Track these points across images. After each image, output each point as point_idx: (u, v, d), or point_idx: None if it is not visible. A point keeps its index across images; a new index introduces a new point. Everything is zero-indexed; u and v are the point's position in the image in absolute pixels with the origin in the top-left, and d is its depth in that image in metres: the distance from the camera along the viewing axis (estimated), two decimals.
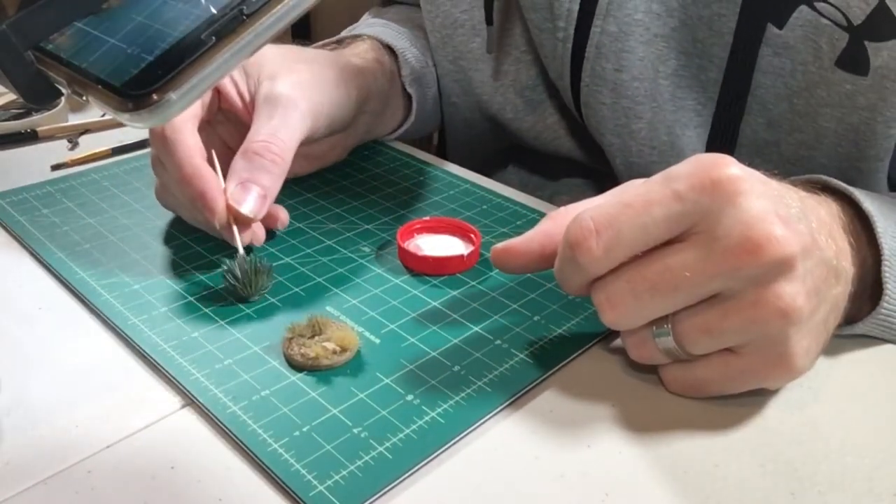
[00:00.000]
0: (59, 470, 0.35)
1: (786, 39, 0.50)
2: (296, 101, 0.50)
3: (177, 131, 0.46)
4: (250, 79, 0.52)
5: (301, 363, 0.40)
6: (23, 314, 0.45)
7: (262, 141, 0.47)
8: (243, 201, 0.46)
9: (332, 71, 0.55)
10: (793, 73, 0.51)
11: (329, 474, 0.34)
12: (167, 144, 0.47)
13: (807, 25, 0.49)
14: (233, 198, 0.46)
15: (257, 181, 0.46)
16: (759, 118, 0.54)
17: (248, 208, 0.46)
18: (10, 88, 0.35)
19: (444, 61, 0.69)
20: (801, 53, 0.50)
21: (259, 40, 0.43)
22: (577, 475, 0.35)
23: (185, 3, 0.38)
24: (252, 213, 0.46)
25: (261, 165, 0.47)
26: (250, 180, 0.46)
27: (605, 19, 0.56)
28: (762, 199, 0.34)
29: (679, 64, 0.56)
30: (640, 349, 0.38)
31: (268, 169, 0.47)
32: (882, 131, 0.50)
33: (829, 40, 0.49)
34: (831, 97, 0.50)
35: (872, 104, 0.49)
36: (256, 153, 0.47)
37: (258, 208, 0.46)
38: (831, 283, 0.37)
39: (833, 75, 0.50)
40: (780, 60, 0.51)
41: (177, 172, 0.46)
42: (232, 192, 0.46)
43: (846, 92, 0.50)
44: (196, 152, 0.47)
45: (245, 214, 0.46)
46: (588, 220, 0.35)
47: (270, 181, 0.47)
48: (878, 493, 0.34)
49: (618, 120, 0.59)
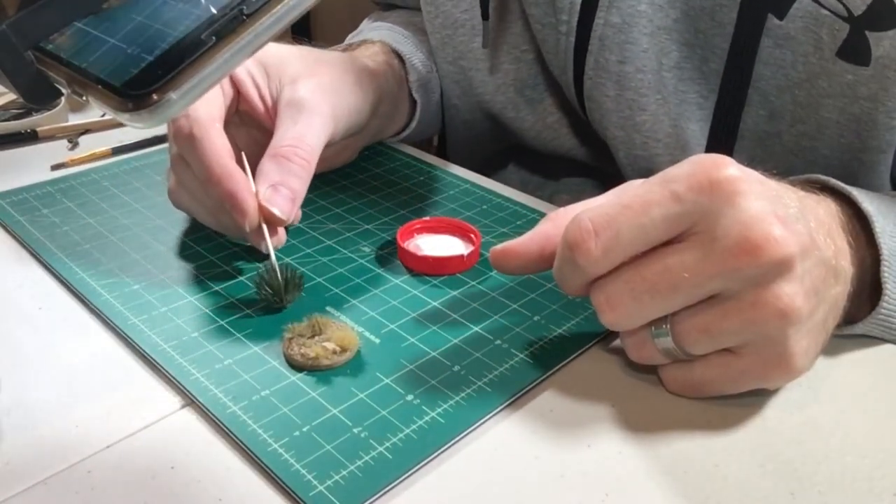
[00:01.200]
0: (59, 470, 0.35)
1: (786, 30, 0.50)
2: (319, 106, 0.50)
3: (205, 130, 0.46)
4: (272, 81, 0.52)
5: (301, 363, 0.40)
6: (23, 314, 0.45)
7: (290, 145, 0.47)
8: (276, 203, 0.45)
9: (350, 75, 0.55)
10: (794, 64, 0.51)
11: (329, 474, 0.34)
12: (195, 143, 0.46)
13: (807, 16, 0.49)
14: (266, 199, 0.45)
15: (287, 184, 0.46)
16: (760, 110, 0.54)
17: (281, 210, 0.45)
18: (10, 88, 0.35)
19: (445, 62, 0.69)
20: (802, 44, 0.50)
21: (259, 40, 0.43)
22: (577, 475, 0.35)
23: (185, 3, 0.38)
24: (285, 216, 0.45)
25: (290, 169, 0.46)
26: (281, 183, 0.46)
27: (608, 11, 0.56)
28: (760, 200, 0.34)
29: (681, 56, 0.56)
30: (640, 350, 0.38)
31: (296, 173, 0.47)
32: (884, 121, 0.50)
33: (829, 31, 0.49)
34: (833, 88, 0.50)
35: (874, 94, 0.49)
36: (285, 157, 0.47)
37: (290, 210, 0.46)
38: (830, 282, 0.37)
39: (834, 66, 0.49)
40: (780, 52, 0.51)
41: (205, 172, 0.46)
42: (264, 193, 0.45)
43: (847, 82, 0.50)
44: (225, 152, 0.46)
45: (278, 216, 0.45)
46: (587, 220, 0.35)
47: (300, 185, 0.47)
48: (878, 493, 0.34)
49: (622, 112, 0.58)
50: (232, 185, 0.45)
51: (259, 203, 0.45)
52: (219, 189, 0.45)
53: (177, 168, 0.49)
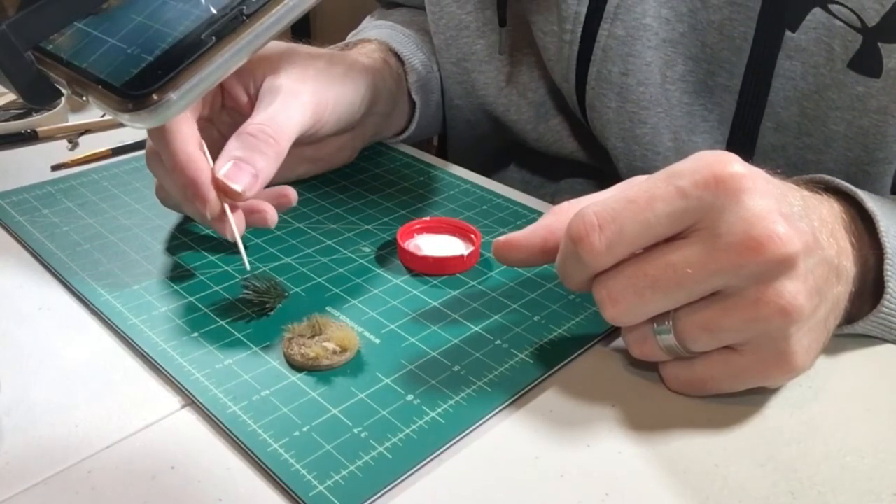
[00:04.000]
0: (59, 470, 0.35)
1: (798, 42, 0.50)
2: (297, 91, 0.49)
3: (175, 120, 0.44)
4: (256, 74, 0.51)
5: (301, 363, 0.40)
6: (23, 314, 0.45)
7: (258, 123, 0.46)
8: (235, 178, 0.44)
9: (338, 67, 0.54)
10: (804, 75, 0.51)
11: (329, 474, 0.34)
12: (164, 132, 0.44)
13: (820, 27, 0.49)
14: (225, 175, 0.44)
15: (250, 160, 0.44)
16: (767, 122, 0.54)
17: (240, 184, 0.43)
18: (10, 88, 0.35)
19: (448, 63, 0.68)
20: (814, 56, 0.50)
21: (259, 40, 0.43)
22: (577, 475, 0.35)
23: (185, 3, 0.38)
24: (243, 190, 0.44)
25: (254, 145, 0.45)
26: (242, 159, 0.44)
27: (612, 22, 0.55)
28: (765, 197, 0.34)
29: (686, 69, 0.56)
30: (641, 346, 0.38)
31: (261, 150, 0.45)
32: (893, 134, 0.50)
33: (842, 42, 0.48)
34: (842, 100, 0.50)
35: (884, 107, 0.49)
36: (251, 134, 0.45)
37: (250, 185, 0.44)
38: (832, 282, 0.37)
39: (845, 77, 0.49)
40: (791, 63, 0.51)
41: (170, 161, 0.44)
42: (224, 169, 0.44)
43: (857, 94, 0.49)
44: (192, 140, 0.45)
45: (234, 189, 0.43)
46: (591, 215, 0.35)
47: (264, 162, 0.45)
48: (878, 493, 0.34)
49: (622, 124, 0.58)
50: (194, 173, 0.43)
51: (213, 177, 0.44)
52: (182, 177, 0.44)
53: (151, 163, 0.49)
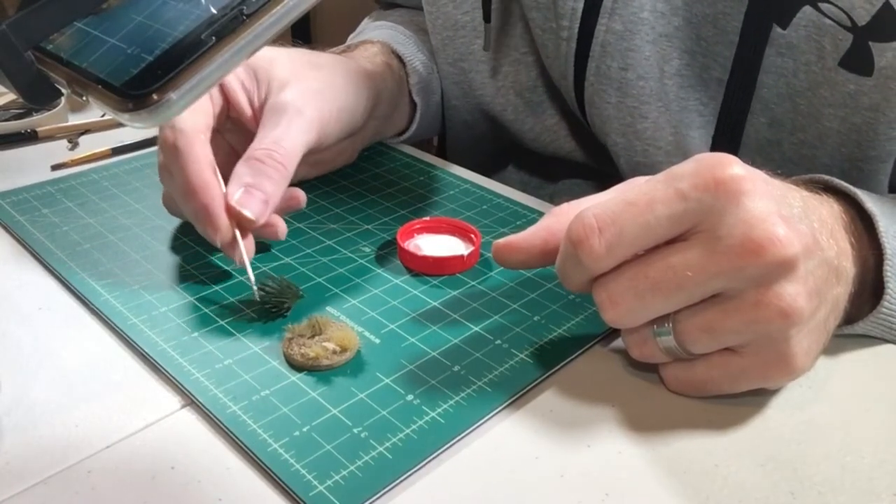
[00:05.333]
0: (59, 470, 0.35)
1: (789, 39, 0.50)
2: (302, 109, 0.49)
3: (189, 142, 0.45)
4: (261, 86, 0.51)
5: (301, 363, 0.40)
6: (23, 314, 0.45)
7: (265, 148, 0.47)
8: (247, 205, 0.45)
9: (342, 77, 0.55)
10: (796, 72, 0.51)
11: (329, 474, 0.34)
12: (178, 155, 0.45)
13: (810, 25, 0.49)
14: (237, 201, 0.45)
15: (259, 187, 0.45)
16: (761, 118, 0.54)
17: (252, 212, 0.45)
18: (10, 88, 0.35)
19: (445, 63, 0.68)
20: (805, 53, 0.50)
21: (259, 41, 0.43)
22: (577, 475, 0.35)
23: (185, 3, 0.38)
24: (255, 217, 0.45)
25: (263, 171, 0.46)
26: (254, 185, 0.45)
27: (610, 17, 0.55)
28: (765, 199, 0.34)
29: (682, 63, 0.56)
30: (641, 348, 0.38)
31: (270, 175, 0.46)
32: (885, 132, 0.50)
33: (832, 41, 0.48)
34: (834, 97, 0.50)
35: (876, 104, 0.49)
36: (259, 160, 0.46)
37: (262, 212, 0.45)
38: (832, 283, 0.37)
39: (836, 76, 0.49)
40: (783, 60, 0.51)
41: (183, 184, 0.45)
42: (237, 196, 0.45)
43: (849, 92, 0.49)
44: (206, 165, 0.45)
45: (248, 217, 0.44)
46: (591, 217, 0.35)
47: (273, 187, 0.46)
48: (878, 493, 0.34)
49: (623, 119, 0.58)
50: (207, 199, 0.44)
51: (227, 205, 0.44)
52: (194, 202, 0.45)
53: (163, 177, 0.49)
